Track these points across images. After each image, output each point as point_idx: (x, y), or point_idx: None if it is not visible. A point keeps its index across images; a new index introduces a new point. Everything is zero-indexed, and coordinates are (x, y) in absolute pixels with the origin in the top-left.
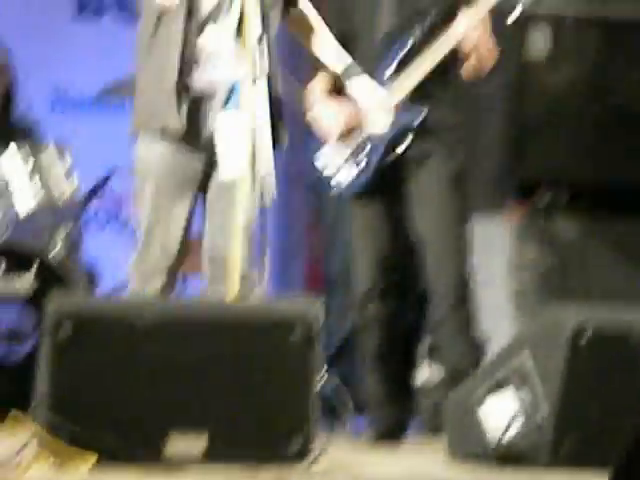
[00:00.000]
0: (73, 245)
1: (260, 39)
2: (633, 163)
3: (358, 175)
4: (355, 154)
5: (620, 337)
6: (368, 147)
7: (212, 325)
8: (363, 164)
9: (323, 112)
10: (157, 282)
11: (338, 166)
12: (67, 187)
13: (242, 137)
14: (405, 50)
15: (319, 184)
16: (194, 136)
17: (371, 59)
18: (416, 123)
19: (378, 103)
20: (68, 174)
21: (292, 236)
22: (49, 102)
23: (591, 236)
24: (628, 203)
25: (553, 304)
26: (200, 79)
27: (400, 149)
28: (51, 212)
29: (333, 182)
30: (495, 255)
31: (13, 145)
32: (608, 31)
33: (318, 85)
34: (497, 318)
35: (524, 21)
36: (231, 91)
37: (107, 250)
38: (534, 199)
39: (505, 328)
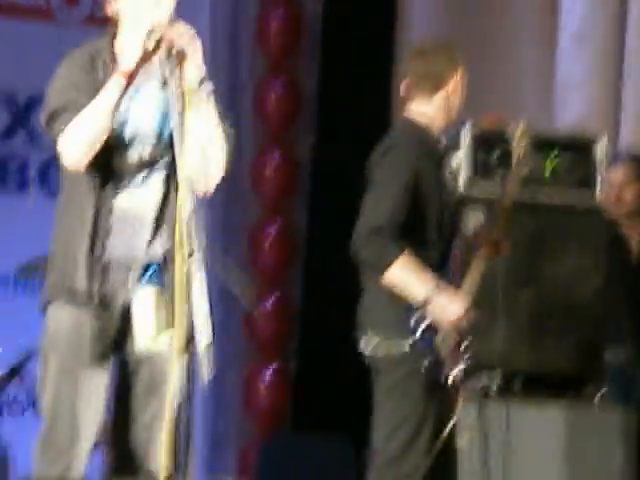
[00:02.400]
0: None
1: (194, 210)
2: (566, 349)
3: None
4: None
5: None
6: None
7: None
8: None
9: (448, 303)
10: (64, 467)
11: (451, 357)
12: None
13: (159, 311)
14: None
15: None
16: (107, 302)
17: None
18: None
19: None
20: None
21: (224, 421)
22: None
23: (524, 421)
24: (561, 389)
25: None
26: (116, 245)
27: None
28: None
29: (447, 374)
30: None
31: None
32: (541, 216)
33: (418, 268)
34: None
35: (460, 202)
36: (149, 266)
37: (26, 436)
38: (467, 385)
39: None
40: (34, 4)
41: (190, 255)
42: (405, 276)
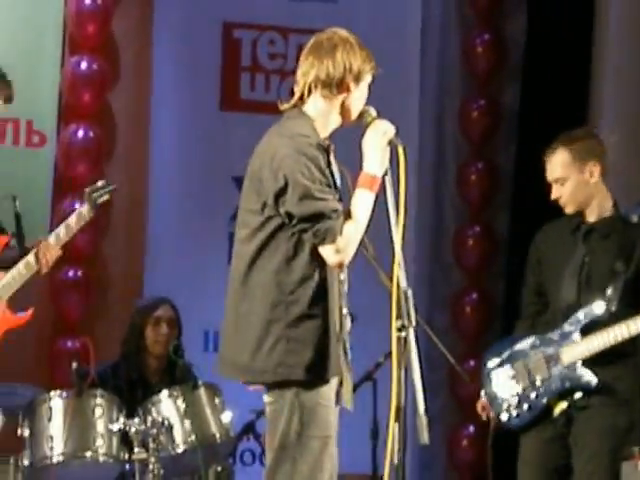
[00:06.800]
0: None
1: (408, 281)
2: None
3: (524, 414)
4: (525, 394)
5: None
6: (537, 391)
7: None
8: (528, 405)
9: None
10: None
11: (508, 399)
12: (218, 426)
13: None
14: (589, 320)
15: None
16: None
17: (556, 316)
18: (592, 386)
19: None
20: (219, 413)
21: (430, 474)
22: (202, 343)
23: None
24: None
25: None
26: (346, 321)
27: (565, 403)
28: (203, 450)
29: (502, 414)
30: None
31: (166, 390)
32: None
33: None
34: None
35: None
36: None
37: None
38: None
39: None
40: (267, 99)
41: (406, 326)
42: None
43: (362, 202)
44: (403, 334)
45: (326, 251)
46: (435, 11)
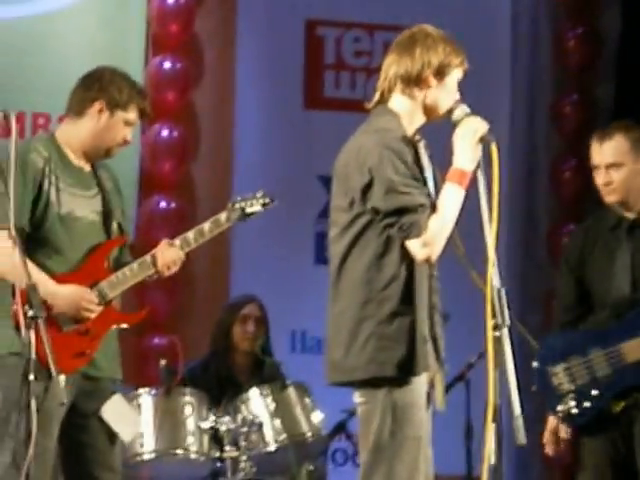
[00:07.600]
0: None
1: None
2: None
3: (586, 411)
4: (586, 390)
5: None
6: (599, 388)
7: None
8: (590, 403)
9: None
10: None
11: (568, 396)
12: (309, 425)
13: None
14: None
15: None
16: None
17: (606, 313)
18: None
19: None
20: (310, 412)
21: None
22: (289, 343)
23: None
24: None
25: None
26: (438, 321)
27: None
28: (295, 449)
29: (558, 407)
30: None
31: (255, 389)
32: None
33: None
34: None
35: None
36: None
37: None
38: None
39: None
40: (353, 97)
41: (500, 325)
42: None
43: (450, 197)
44: (497, 333)
45: (412, 245)
46: (526, 4)
